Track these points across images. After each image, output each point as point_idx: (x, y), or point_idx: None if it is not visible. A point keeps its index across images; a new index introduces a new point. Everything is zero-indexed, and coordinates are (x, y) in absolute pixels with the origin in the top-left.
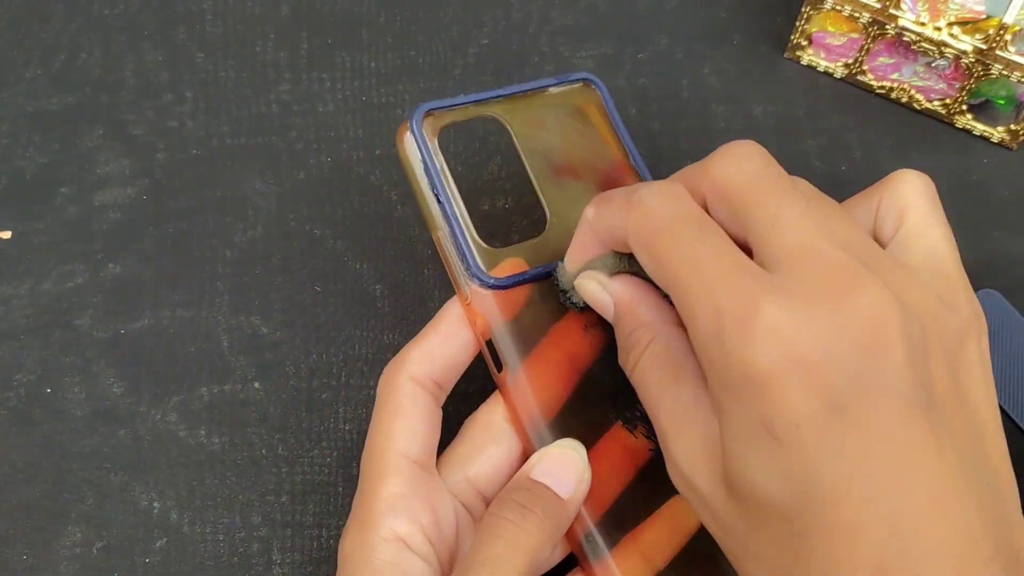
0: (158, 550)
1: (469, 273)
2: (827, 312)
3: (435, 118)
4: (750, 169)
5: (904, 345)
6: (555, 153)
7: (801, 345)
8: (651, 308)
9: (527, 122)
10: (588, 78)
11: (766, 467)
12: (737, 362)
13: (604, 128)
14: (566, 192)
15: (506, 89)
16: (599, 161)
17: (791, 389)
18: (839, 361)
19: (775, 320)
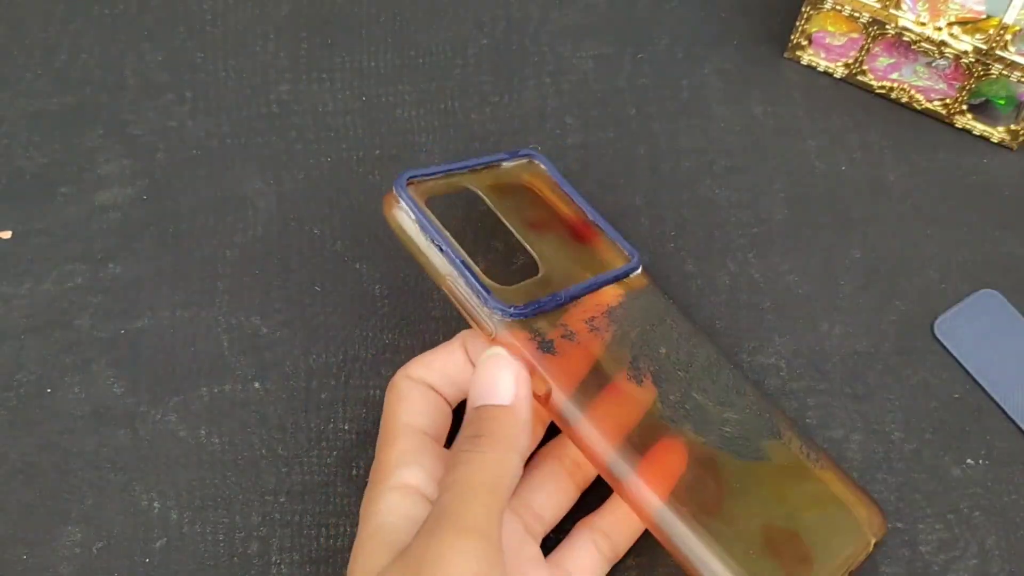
0: (158, 550)
1: (489, 308)
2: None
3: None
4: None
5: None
6: (526, 213)
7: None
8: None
9: (495, 190)
10: (530, 154)
11: None
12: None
13: (557, 196)
14: (548, 244)
15: (469, 161)
16: (566, 220)
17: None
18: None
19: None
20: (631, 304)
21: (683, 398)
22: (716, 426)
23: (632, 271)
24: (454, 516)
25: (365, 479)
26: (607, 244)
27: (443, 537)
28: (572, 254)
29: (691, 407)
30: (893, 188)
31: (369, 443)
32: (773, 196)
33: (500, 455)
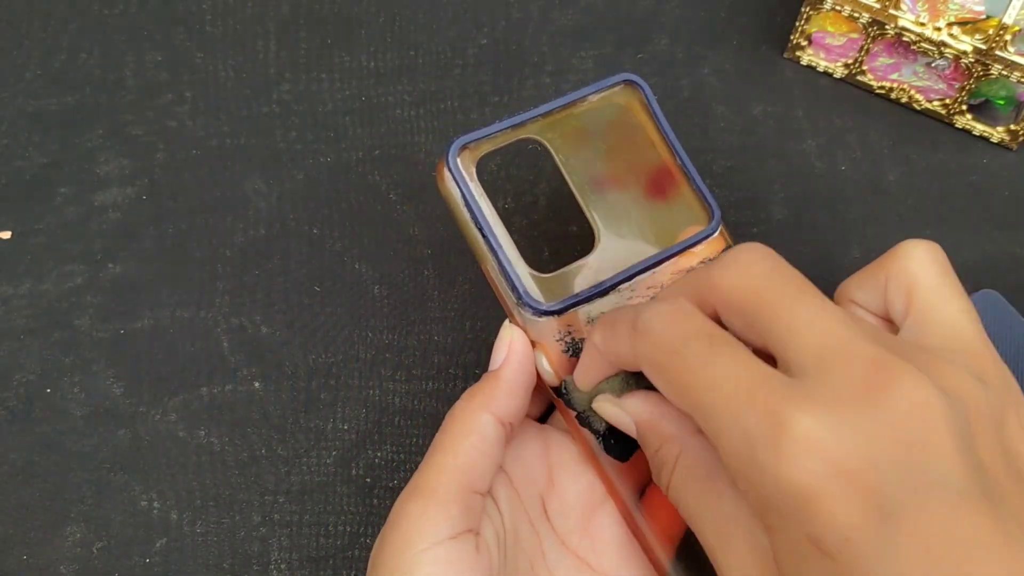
0: (158, 550)
1: (521, 303)
2: (863, 413)
3: (472, 149)
4: (756, 275)
5: (951, 435)
6: (599, 165)
7: (839, 454)
8: (673, 421)
9: (567, 137)
10: (630, 79)
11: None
12: (774, 483)
13: (650, 129)
14: (613, 206)
15: (543, 107)
16: (645, 165)
17: (835, 502)
18: (883, 464)
19: (807, 432)
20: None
21: None
22: None
23: (708, 236)
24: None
25: (365, 479)
26: (685, 200)
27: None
28: (642, 217)
29: None
30: (893, 188)
31: (369, 443)
32: (773, 196)
33: (464, 415)
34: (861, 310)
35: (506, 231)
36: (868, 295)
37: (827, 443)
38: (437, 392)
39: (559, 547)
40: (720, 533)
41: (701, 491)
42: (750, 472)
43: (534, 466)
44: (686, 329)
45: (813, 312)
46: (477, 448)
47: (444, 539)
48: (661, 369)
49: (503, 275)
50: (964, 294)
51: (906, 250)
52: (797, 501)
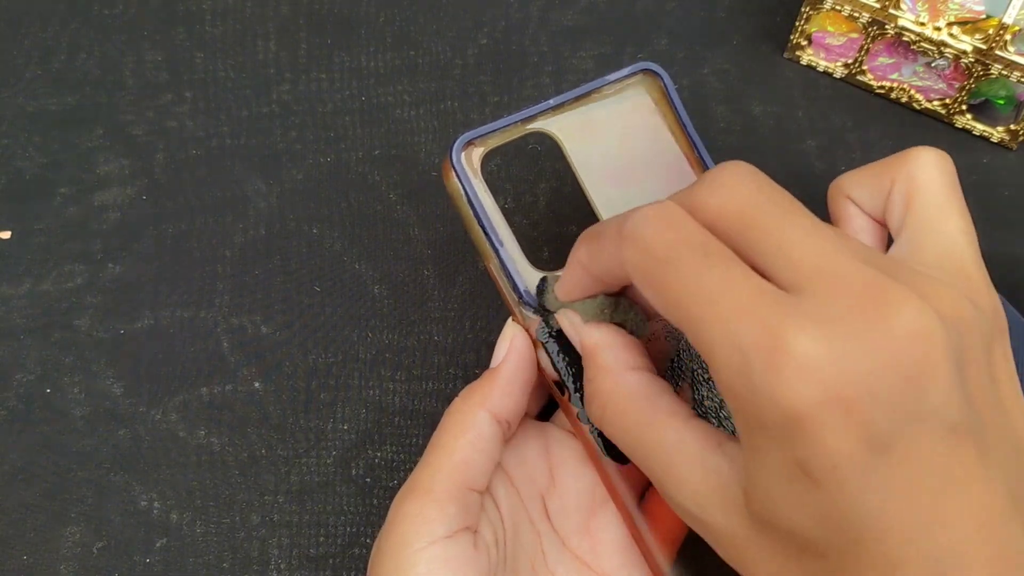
0: (158, 550)
1: (523, 301)
2: (862, 339)
3: (478, 145)
4: (742, 195)
5: (947, 364)
6: (612, 159)
7: (838, 380)
8: (615, 353)
9: (579, 131)
10: (649, 67)
11: (802, 507)
12: (768, 403)
13: (670, 120)
14: (624, 201)
15: (555, 99)
16: (662, 159)
17: (828, 430)
18: (880, 394)
19: (805, 353)
20: None
21: (716, 403)
22: None
23: None
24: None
25: (365, 479)
26: None
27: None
28: None
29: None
30: None
31: (369, 443)
32: None
33: (462, 413)
34: (855, 208)
35: (509, 229)
36: (867, 195)
37: (825, 368)
38: (437, 392)
39: (559, 547)
40: (667, 463)
41: (641, 424)
42: (743, 390)
43: (535, 465)
44: (678, 236)
45: (804, 231)
46: (474, 446)
47: (441, 537)
48: (650, 278)
49: (505, 273)
50: (966, 212)
51: (917, 156)
52: (790, 424)
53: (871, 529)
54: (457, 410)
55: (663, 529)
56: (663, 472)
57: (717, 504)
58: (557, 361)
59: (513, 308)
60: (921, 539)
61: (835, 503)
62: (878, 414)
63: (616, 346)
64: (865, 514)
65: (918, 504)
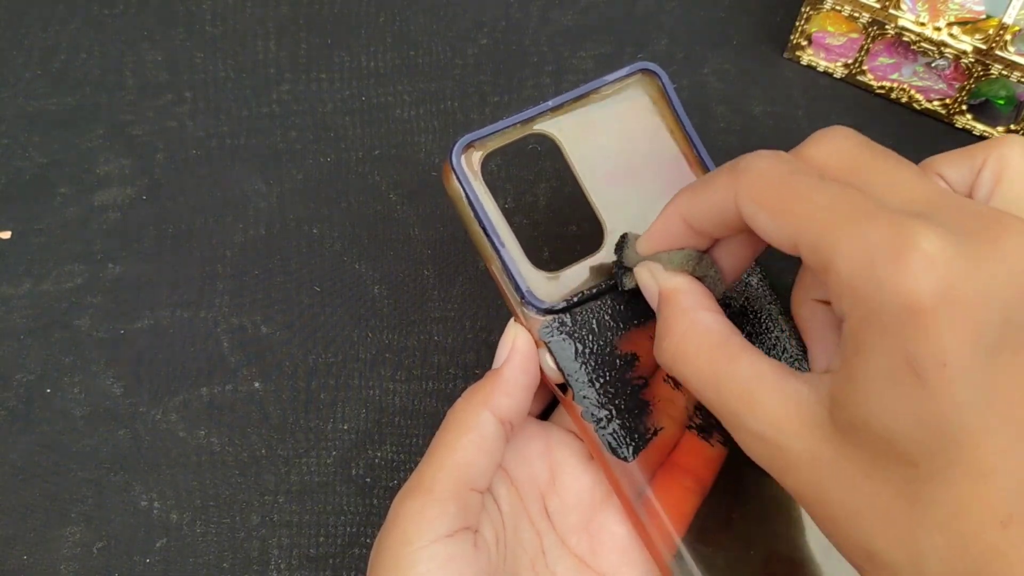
0: (158, 550)
1: (524, 302)
2: (984, 250)
3: (479, 147)
4: (848, 148)
5: None
6: (612, 159)
7: (959, 281)
8: (693, 297)
9: (578, 131)
10: (647, 67)
11: (901, 407)
12: (890, 293)
13: (669, 120)
14: (625, 202)
15: (554, 100)
16: (661, 159)
17: (943, 325)
18: (997, 301)
19: (933, 251)
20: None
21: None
22: None
23: None
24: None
25: (365, 479)
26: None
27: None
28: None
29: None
30: None
31: (369, 443)
32: None
33: (464, 413)
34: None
35: (510, 230)
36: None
37: (951, 266)
38: (437, 392)
39: (559, 546)
40: (741, 394)
41: (715, 359)
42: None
43: (535, 464)
44: (792, 166)
45: (913, 174)
46: (476, 445)
47: (442, 536)
48: (765, 202)
49: (507, 274)
50: None
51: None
52: (908, 315)
53: (968, 434)
54: (460, 410)
55: (665, 524)
56: (739, 402)
57: (796, 427)
58: (561, 360)
59: (515, 309)
60: (1016, 451)
61: (937, 403)
62: (992, 317)
63: (692, 291)
64: (965, 417)
65: (1018, 415)
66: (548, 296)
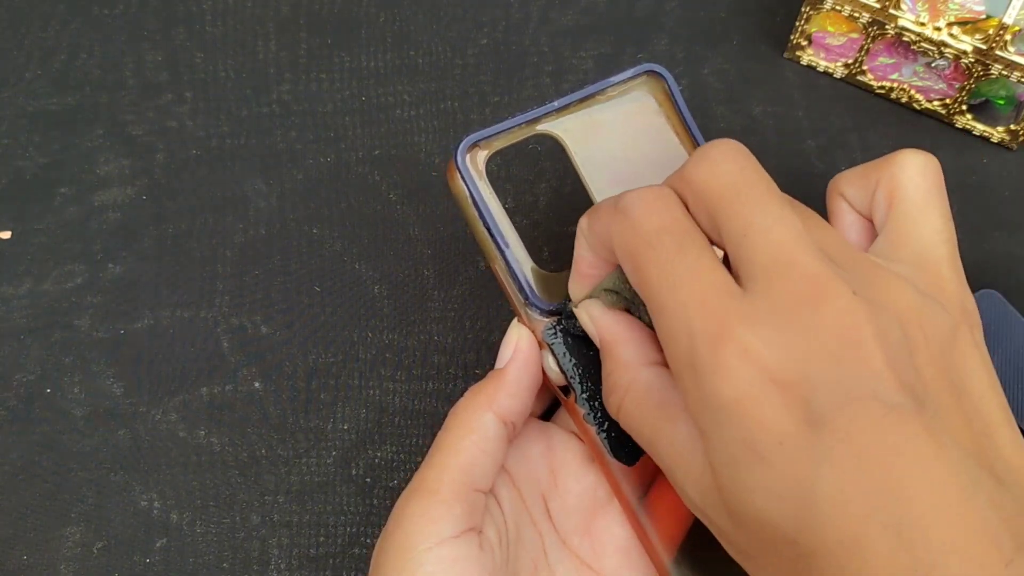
0: (158, 550)
1: (528, 302)
2: (798, 328)
3: (483, 147)
4: (723, 172)
5: (880, 348)
6: (616, 161)
7: (773, 366)
8: (633, 348)
9: (583, 132)
10: (653, 69)
11: (759, 489)
12: (711, 388)
13: (674, 121)
14: None
15: (560, 100)
16: (666, 160)
17: (767, 409)
18: (814, 377)
19: (745, 344)
20: None
21: None
22: None
23: None
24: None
25: (365, 479)
26: None
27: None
28: None
29: None
30: None
31: (369, 443)
32: None
33: (467, 413)
34: (847, 206)
35: (514, 230)
36: (857, 193)
37: (762, 355)
38: (437, 392)
39: (560, 547)
40: (675, 457)
41: (655, 417)
42: (689, 375)
43: (537, 465)
44: (662, 220)
45: (769, 222)
46: (479, 447)
47: (447, 538)
48: (630, 256)
49: (511, 274)
50: (946, 214)
51: (902, 158)
52: (731, 406)
53: (828, 504)
54: (462, 411)
55: (666, 527)
56: (674, 465)
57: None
58: (564, 363)
59: (519, 309)
60: (880, 512)
61: (788, 479)
62: (812, 393)
63: (633, 341)
64: (819, 488)
65: (870, 477)
66: (552, 297)
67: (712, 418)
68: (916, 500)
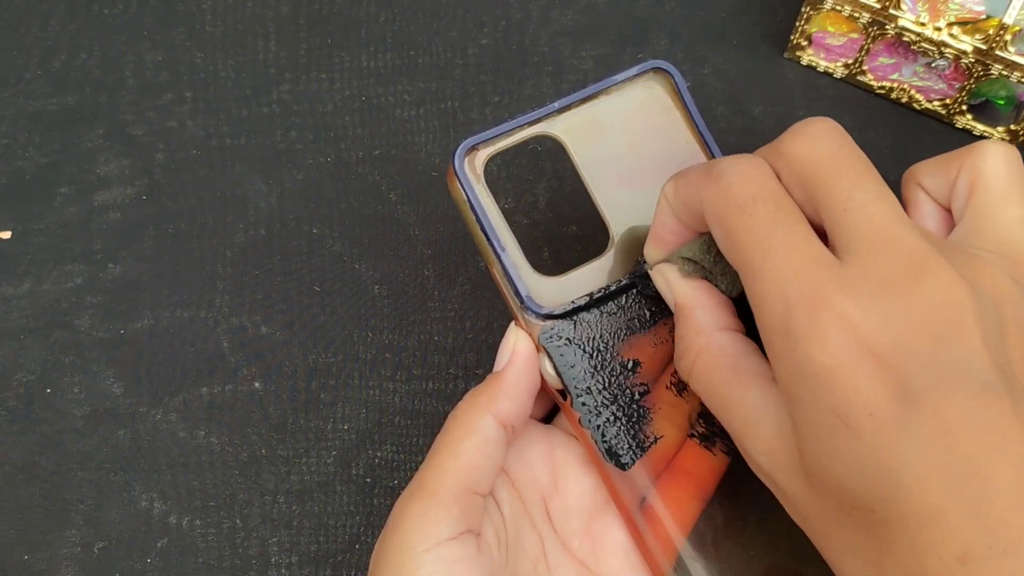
0: (158, 550)
1: (524, 307)
2: (898, 301)
3: (483, 149)
4: (823, 149)
5: (979, 330)
6: (620, 161)
7: (870, 335)
8: (709, 313)
9: (585, 133)
10: (660, 66)
11: (844, 457)
12: (804, 355)
13: (682, 119)
14: (633, 204)
15: (561, 101)
16: (675, 159)
17: (862, 379)
18: (910, 351)
19: (843, 311)
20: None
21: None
22: None
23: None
24: (413, 480)
25: (365, 479)
26: None
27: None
28: None
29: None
30: (893, 188)
31: (369, 443)
32: None
33: (466, 416)
34: (924, 195)
35: (512, 234)
36: (936, 183)
37: (860, 325)
38: (437, 392)
39: (561, 549)
40: (746, 420)
41: (726, 382)
42: (783, 342)
43: (537, 467)
44: (756, 188)
45: (869, 197)
46: (478, 449)
47: (445, 539)
48: (722, 221)
49: (507, 279)
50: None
51: (984, 148)
52: (825, 373)
53: (911, 477)
54: (461, 413)
55: (664, 532)
56: (742, 428)
57: (784, 463)
58: (560, 366)
59: (516, 313)
60: (961, 489)
61: (875, 451)
62: (909, 367)
63: (709, 306)
64: (905, 461)
65: (955, 454)
66: (549, 300)
67: (803, 384)
68: (998, 479)
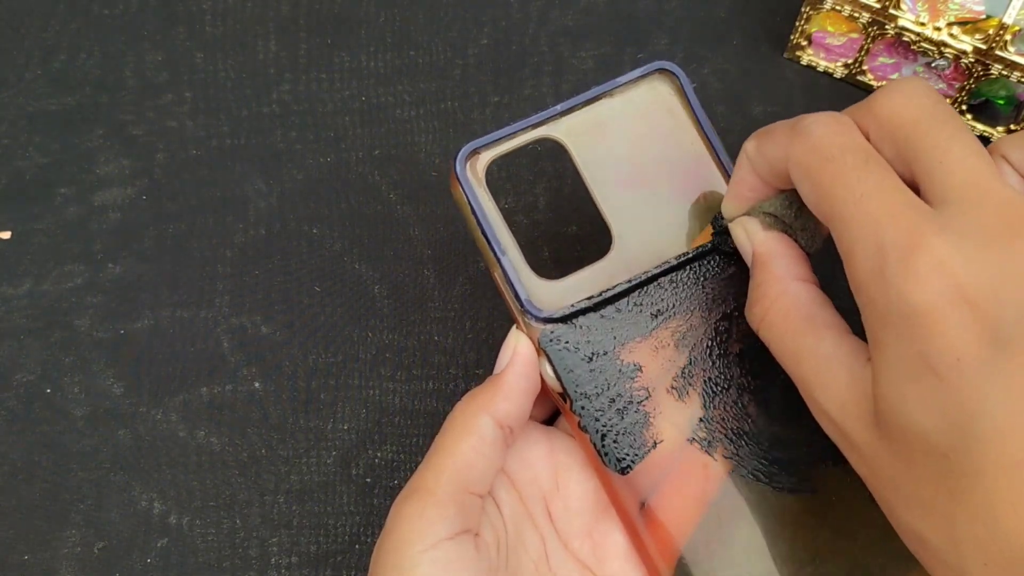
0: (158, 550)
1: (524, 311)
2: (996, 250)
3: (484, 152)
4: (919, 105)
5: None
6: (624, 163)
7: (967, 281)
8: (786, 262)
9: (588, 135)
10: (665, 67)
11: (925, 403)
12: (898, 296)
13: (688, 120)
14: (637, 205)
15: (563, 104)
16: (681, 160)
17: (953, 324)
18: (1006, 300)
19: (941, 255)
20: (713, 282)
21: (727, 413)
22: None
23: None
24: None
25: (365, 479)
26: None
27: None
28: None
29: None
30: None
31: (369, 443)
32: None
33: (464, 417)
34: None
35: (512, 238)
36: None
37: (957, 269)
38: (437, 392)
39: (562, 550)
40: (818, 370)
41: (799, 331)
42: (876, 284)
43: (538, 468)
44: (844, 140)
45: (967, 151)
46: (476, 450)
47: (442, 540)
48: (810, 173)
49: (507, 282)
50: None
51: None
52: (917, 317)
53: (993, 426)
54: (460, 414)
55: (664, 537)
56: (813, 376)
57: (855, 412)
58: (559, 369)
59: (516, 316)
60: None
61: (958, 398)
62: (1003, 316)
63: (787, 256)
64: (987, 410)
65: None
66: (550, 304)
67: (893, 326)
68: None
